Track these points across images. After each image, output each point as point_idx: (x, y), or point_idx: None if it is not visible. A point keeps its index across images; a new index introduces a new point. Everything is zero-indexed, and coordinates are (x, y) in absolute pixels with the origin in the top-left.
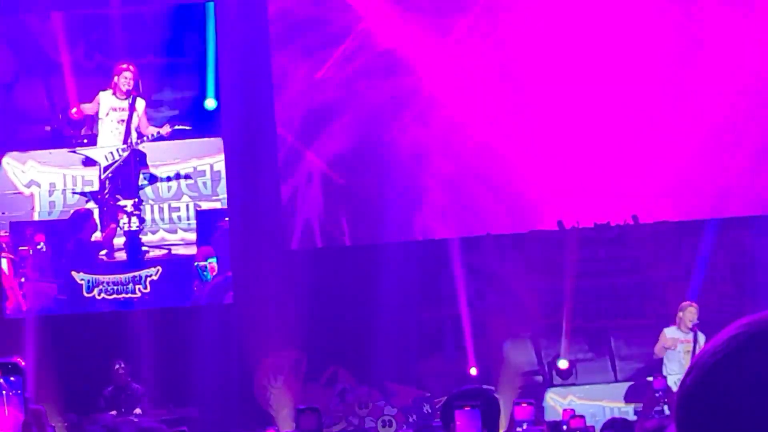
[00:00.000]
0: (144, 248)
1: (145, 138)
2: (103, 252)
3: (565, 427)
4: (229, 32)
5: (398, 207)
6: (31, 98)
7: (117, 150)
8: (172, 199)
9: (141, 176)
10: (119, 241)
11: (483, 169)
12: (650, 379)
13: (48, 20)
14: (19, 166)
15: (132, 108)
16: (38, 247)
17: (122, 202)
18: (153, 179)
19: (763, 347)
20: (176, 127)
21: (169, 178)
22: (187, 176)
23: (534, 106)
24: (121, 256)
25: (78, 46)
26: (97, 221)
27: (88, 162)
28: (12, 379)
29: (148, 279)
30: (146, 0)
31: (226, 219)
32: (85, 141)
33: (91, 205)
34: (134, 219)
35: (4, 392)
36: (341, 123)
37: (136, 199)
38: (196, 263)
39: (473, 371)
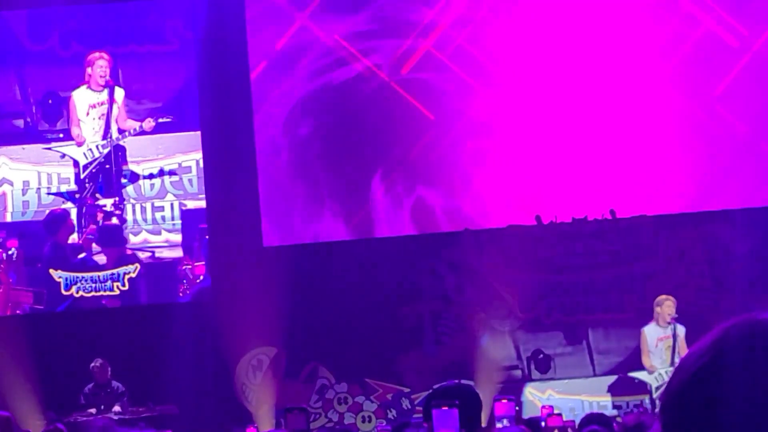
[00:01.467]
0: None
1: (126, 133)
2: (82, 255)
3: (543, 424)
4: (205, 24)
5: (377, 203)
6: (2, 90)
7: (97, 146)
8: (156, 198)
9: (123, 175)
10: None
11: (460, 164)
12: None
13: (20, 7)
14: None
15: (111, 99)
16: (10, 252)
17: (101, 202)
18: (134, 177)
19: (748, 350)
20: (160, 120)
21: (151, 176)
22: (171, 172)
23: (511, 102)
24: (101, 259)
25: (53, 35)
26: (75, 222)
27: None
28: None
29: (126, 276)
30: None
31: (204, 226)
32: (61, 135)
33: (68, 205)
34: (114, 219)
35: None
36: (319, 117)
37: (117, 198)
38: (184, 267)
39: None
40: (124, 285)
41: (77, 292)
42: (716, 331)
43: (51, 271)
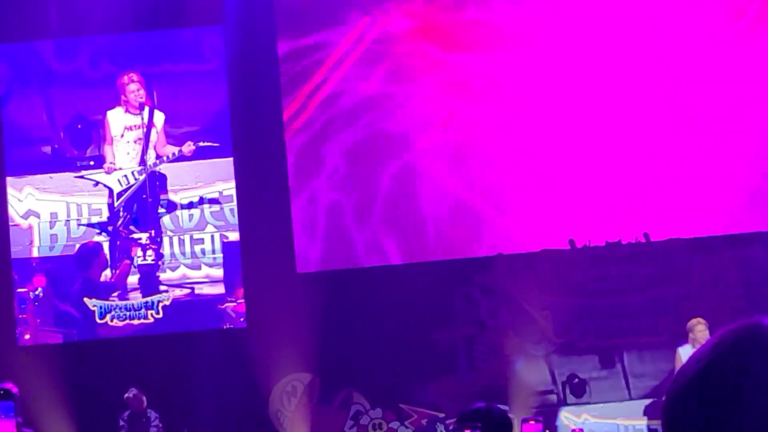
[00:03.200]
0: (162, 287)
1: (164, 158)
2: (116, 294)
3: None
4: (237, 53)
5: (410, 227)
6: (27, 114)
7: (132, 173)
8: (195, 230)
9: (159, 204)
10: (133, 279)
11: (494, 188)
12: None
13: (46, 24)
14: (15, 194)
15: (150, 123)
16: (36, 292)
17: (136, 235)
18: (171, 206)
19: (745, 354)
20: (201, 144)
21: (191, 205)
22: (212, 201)
23: (545, 126)
24: (136, 296)
25: (82, 54)
26: (108, 256)
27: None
28: (5, 403)
29: (160, 304)
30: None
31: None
32: (92, 163)
33: (101, 237)
34: (150, 253)
35: None
36: (350, 141)
37: (153, 231)
38: (225, 305)
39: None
40: (158, 313)
41: (111, 321)
42: (715, 337)
43: (85, 299)
